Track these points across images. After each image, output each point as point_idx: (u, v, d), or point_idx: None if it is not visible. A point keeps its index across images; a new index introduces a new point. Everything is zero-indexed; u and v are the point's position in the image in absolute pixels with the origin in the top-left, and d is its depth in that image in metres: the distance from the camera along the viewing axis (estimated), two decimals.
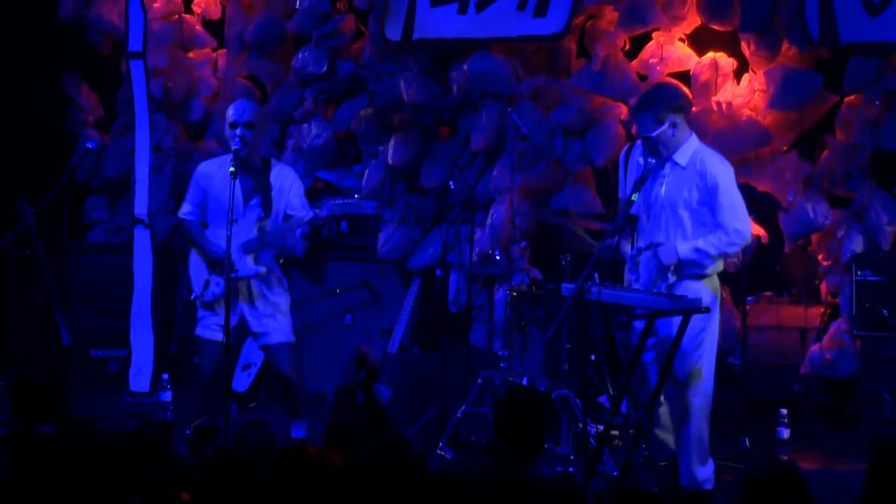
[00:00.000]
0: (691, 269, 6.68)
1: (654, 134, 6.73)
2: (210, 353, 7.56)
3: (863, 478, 4.35)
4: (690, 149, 6.81)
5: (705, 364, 6.78)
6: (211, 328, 7.54)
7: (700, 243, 6.64)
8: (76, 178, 10.34)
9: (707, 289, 6.74)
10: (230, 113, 7.53)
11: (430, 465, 4.85)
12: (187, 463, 4.62)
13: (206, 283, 7.55)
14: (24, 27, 10.61)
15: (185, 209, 7.70)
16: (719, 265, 6.81)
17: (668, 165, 6.82)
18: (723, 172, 6.72)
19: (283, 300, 7.62)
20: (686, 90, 8.04)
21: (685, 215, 6.73)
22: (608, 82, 9.06)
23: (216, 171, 7.58)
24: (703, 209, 6.71)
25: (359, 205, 7.53)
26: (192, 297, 7.71)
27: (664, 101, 6.80)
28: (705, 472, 6.84)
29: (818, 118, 8.71)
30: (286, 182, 7.57)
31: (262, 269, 7.48)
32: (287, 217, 7.54)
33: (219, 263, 7.41)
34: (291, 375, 7.63)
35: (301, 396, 7.71)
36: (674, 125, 6.75)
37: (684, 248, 6.63)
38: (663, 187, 6.81)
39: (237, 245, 7.38)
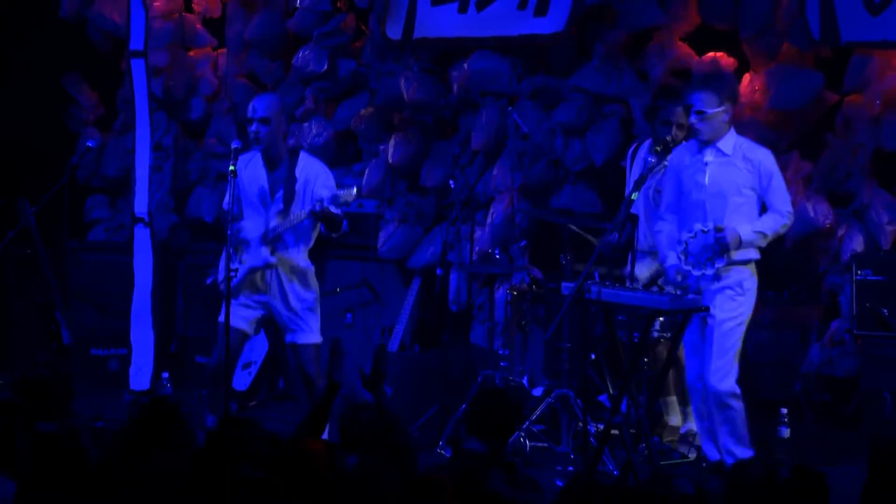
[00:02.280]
0: (742, 253, 6.91)
1: (711, 111, 6.84)
2: (224, 339, 7.49)
3: (864, 477, 4.35)
4: (732, 138, 7.02)
5: (738, 346, 7.03)
6: (233, 316, 7.49)
7: (758, 225, 6.91)
8: (77, 177, 10.35)
9: (751, 274, 7.02)
10: (248, 110, 7.53)
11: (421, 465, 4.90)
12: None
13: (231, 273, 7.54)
14: (24, 26, 10.61)
15: (227, 200, 7.69)
16: (755, 253, 7.03)
17: (709, 152, 6.97)
18: (772, 161, 7.02)
19: (312, 297, 7.57)
20: None
21: (737, 201, 6.94)
22: (609, 81, 9.07)
23: (244, 167, 7.57)
24: (753, 194, 6.97)
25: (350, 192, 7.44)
26: (210, 281, 7.70)
27: (729, 84, 7.07)
28: (745, 453, 7.02)
29: (818, 117, 8.71)
30: (311, 173, 7.50)
31: (273, 260, 7.46)
32: None
33: (238, 250, 7.42)
34: (314, 377, 7.55)
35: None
36: (727, 112, 6.96)
37: (745, 230, 6.86)
38: (706, 176, 6.96)
39: (257, 236, 7.39)
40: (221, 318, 7.54)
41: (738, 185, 6.93)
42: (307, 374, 7.59)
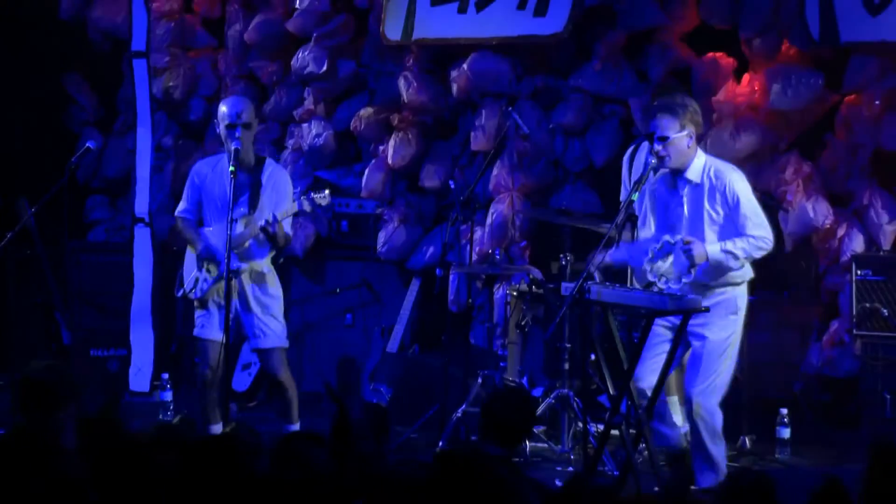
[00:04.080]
0: (725, 274, 6.83)
1: (673, 136, 6.78)
2: (208, 353, 7.53)
3: (862, 479, 4.34)
4: (700, 163, 6.91)
5: (729, 366, 6.95)
6: (208, 328, 7.53)
7: (728, 245, 6.78)
8: (77, 178, 10.34)
9: (744, 292, 6.96)
10: (225, 112, 7.50)
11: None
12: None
13: (196, 280, 7.55)
14: (24, 26, 10.61)
15: (182, 207, 7.69)
16: (749, 272, 6.95)
17: (682, 184, 6.91)
18: (741, 185, 6.87)
19: (274, 302, 7.57)
20: None
21: (713, 230, 6.85)
22: (608, 82, 9.06)
23: (210, 170, 7.61)
24: (727, 222, 6.85)
25: (322, 196, 7.45)
26: (180, 293, 7.70)
27: (689, 108, 6.91)
28: (706, 480, 6.94)
29: (818, 117, 8.70)
30: (277, 183, 7.52)
31: (244, 266, 7.46)
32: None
33: (205, 259, 7.43)
34: (284, 380, 7.60)
35: (293, 400, 7.67)
36: (690, 136, 6.85)
37: (713, 249, 6.75)
38: (685, 208, 6.91)
39: (222, 242, 7.37)
40: (197, 332, 7.57)
41: (709, 215, 6.85)
42: (276, 378, 7.63)
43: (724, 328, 6.87)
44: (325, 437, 5.02)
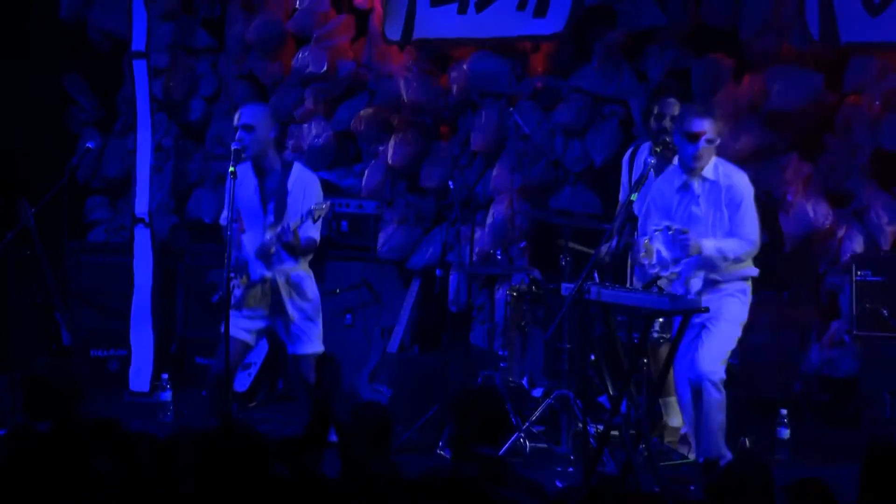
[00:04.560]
0: (744, 270, 7.01)
1: (718, 141, 6.95)
2: (230, 350, 7.47)
3: (859, 479, 4.34)
4: (712, 162, 7.04)
5: (734, 342, 7.11)
6: (235, 327, 7.46)
7: (721, 244, 6.92)
8: (77, 178, 10.35)
9: (750, 285, 7.14)
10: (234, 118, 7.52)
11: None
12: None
13: (232, 287, 7.51)
14: (24, 26, 10.62)
15: (224, 214, 7.60)
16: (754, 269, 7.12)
17: (697, 184, 7.01)
18: (747, 188, 7.02)
19: (310, 306, 7.51)
20: None
21: (723, 229, 6.98)
22: (608, 82, 9.06)
23: (241, 175, 7.55)
24: (731, 220, 6.99)
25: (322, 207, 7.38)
26: (216, 299, 7.64)
27: (722, 119, 7.11)
28: (712, 450, 7.03)
29: (818, 118, 8.70)
30: (303, 187, 7.43)
31: (268, 274, 7.43)
32: None
33: (237, 268, 7.38)
34: (314, 386, 7.52)
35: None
36: (717, 144, 7.02)
37: (709, 244, 6.88)
38: (701, 207, 7.00)
39: (252, 249, 7.37)
40: (223, 328, 7.52)
41: (723, 213, 6.98)
42: (307, 384, 7.57)
43: (739, 313, 7.05)
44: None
